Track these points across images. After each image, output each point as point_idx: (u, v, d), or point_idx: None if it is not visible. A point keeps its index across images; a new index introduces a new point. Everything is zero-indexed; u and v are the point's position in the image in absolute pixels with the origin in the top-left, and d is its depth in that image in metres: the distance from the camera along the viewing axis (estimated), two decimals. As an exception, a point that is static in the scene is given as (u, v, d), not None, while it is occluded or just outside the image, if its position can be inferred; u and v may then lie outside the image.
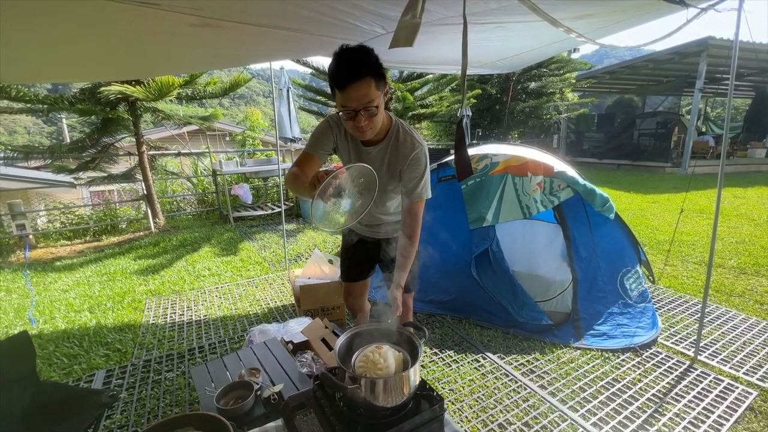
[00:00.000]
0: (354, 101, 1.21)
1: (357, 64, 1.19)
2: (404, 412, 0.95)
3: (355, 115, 1.23)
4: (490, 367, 2.22)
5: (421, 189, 1.43)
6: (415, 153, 1.41)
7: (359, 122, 1.25)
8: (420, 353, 0.98)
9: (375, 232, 1.73)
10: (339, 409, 0.97)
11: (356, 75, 1.18)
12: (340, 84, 1.19)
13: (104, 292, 3.34)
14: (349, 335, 1.05)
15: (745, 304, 3.01)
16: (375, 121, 1.29)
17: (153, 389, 2.05)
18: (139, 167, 5.23)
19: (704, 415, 1.83)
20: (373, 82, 1.21)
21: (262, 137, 11.82)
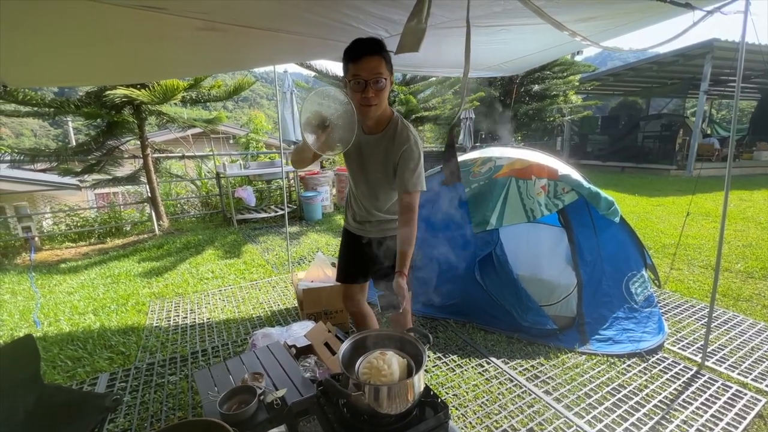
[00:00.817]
0: (366, 71, 1.31)
1: (371, 43, 1.34)
2: (408, 420, 0.94)
3: (365, 87, 1.33)
4: (494, 372, 2.20)
5: (416, 179, 1.46)
6: (409, 144, 1.46)
7: (368, 93, 1.34)
8: (424, 360, 0.97)
9: (367, 230, 1.74)
10: (343, 416, 0.96)
11: (370, 50, 1.32)
12: (354, 55, 1.32)
13: (108, 295, 3.35)
14: (353, 341, 1.05)
15: (752, 309, 2.97)
16: (381, 96, 1.38)
17: (156, 393, 2.04)
18: (143, 170, 5.26)
19: (712, 423, 1.81)
20: (384, 62, 1.34)
21: (265, 140, 11.87)
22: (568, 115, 10.92)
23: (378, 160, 1.54)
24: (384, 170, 1.55)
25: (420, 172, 1.47)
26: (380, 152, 1.52)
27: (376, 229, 1.73)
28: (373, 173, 1.59)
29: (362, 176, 1.64)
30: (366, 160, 1.59)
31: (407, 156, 1.46)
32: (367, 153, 1.57)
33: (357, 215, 1.77)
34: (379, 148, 1.53)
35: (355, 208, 1.79)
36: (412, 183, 1.46)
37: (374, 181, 1.62)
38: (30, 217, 4.78)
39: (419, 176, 1.47)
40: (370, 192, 1.66)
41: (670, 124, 11.96)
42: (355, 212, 1.78)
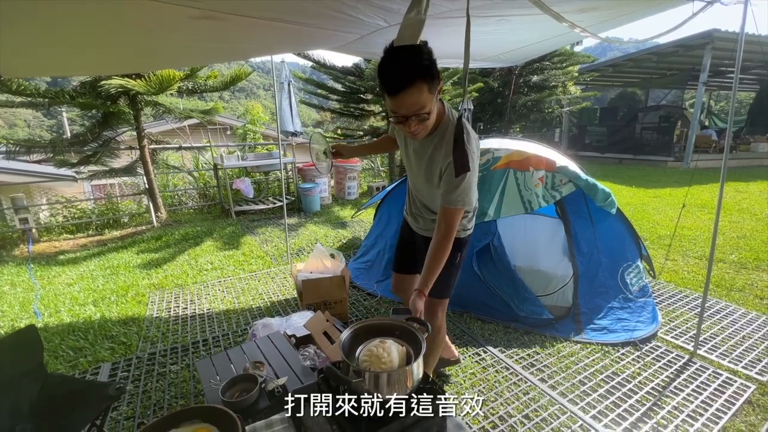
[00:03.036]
0: (404, 108, 1.18)
1: (408, 69, 1.13)
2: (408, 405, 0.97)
3: (406, 120, 1.21)
4: (491, 360, 2.24)
5: (456, 196, 1.31)
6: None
7: (410, 127, 1.24)
8: (423, 348, 0.99)
9: (418, 226, 1.68)
10: (343, 402, 0.98)
11: (407, 81, 1.13)
12: (389, 90, 1.15)
13: (108, 286, 3.36)
14: (353, 329, 1.07)
15: (745, 299, 3.02)
16: (427, 124, 1.26)
17: (158, 382, 2.07)
18: (140, 161, 5.23)
19: (702, 408, 1.85)
20: (426, 86, 1.16)
21: (263, 131, 11.79)
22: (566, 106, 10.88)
23: (423, 165, 1.43)
24: (428, 177, 1.43)
25: (465, 187, 1.30)
26: (425, 158, 1.41)
27: (426, 227, 1.64)
28: (419, 177, 1.50)
29: (411, 177, 1.60)
30: (413, 164, 1.51)
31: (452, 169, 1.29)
32: (415, 157, 1.48)
33: (411, 207, 1.70)
34: (425, 154, 1.41)
35: (410, 199, 1.72)
36: (452, 199, 1.31)
37: (421, 185, 1.54)
38: (27, 208, 4.75)
39: (463, 192, 1.31)
40: (419, 193, 1.61)
41: (668, 116, 11.95)
42: (410, 204, 1.71)
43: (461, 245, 1.61)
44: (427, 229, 1.63)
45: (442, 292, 1.61)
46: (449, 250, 1.33)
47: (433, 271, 1.30)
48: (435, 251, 1.31)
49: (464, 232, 1.61)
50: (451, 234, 1.33)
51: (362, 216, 5.63)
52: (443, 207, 1.34)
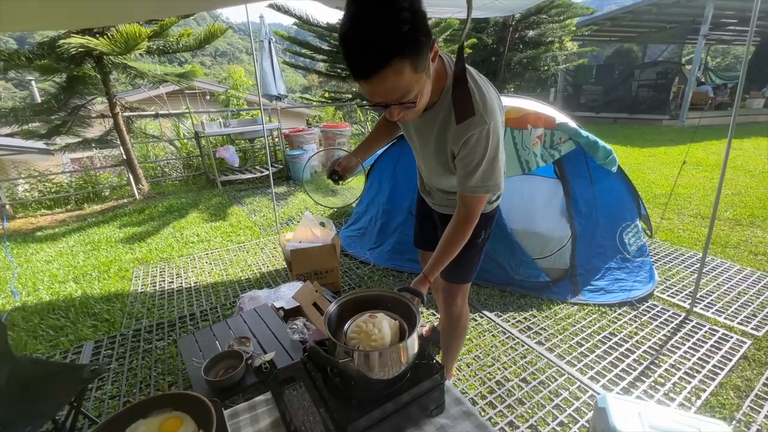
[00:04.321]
0: (380, 96, 0.85)
1: (379, 44, 0.76)
2: (402, 383, 0.88)
3: (386, 107, 0.89)
4: (487, 325, 2.20)
5: (476, 181, 1.04)
6: (477, 131, 0.98)
7: (392, 116, 0.93)
8: (418, 321, 0.89)
9: (432, 201, 1.44)
10: (331, 382, 0.89)
11: (379, 62, 0.77)
12: (355, 74, 0.82)
13: (89, 262, 3.22)
14: (340, 303, 0.96)
15: (739, 255, 3.01)
16: (416, 108, 0.94)
17: (144, 359, 2.00)
18: (114, 130, 4.91)
19: (699, 365, 1.84)
20: (407, 65, 0.79)
21: (246, 97, 11.22)
22: (563, 63, 10.46)
23: (430, 146, 1.14)
24: (440, 160, 1.15)
25: (486, 169, 1.02)
26: (432, 138, 1.11)
27: (442, 203, 1.40)
28: (429, 160, 1.21)
29: (419, 160, 1.32)
30: (417, 146, 1.23)
31: (471, 147, 1.00)
32: (418, 137, 1.18)
33: (424, 185, 1.44)
34: (430, 132, 1.11)
35: (420, 171, 1.44)
36: (471, 186, 1.05)
37: (433, 170, 1.25)
38: (-3, 184, 4.49)
39: (485, 175, 1.03)
40: (428, 173, 1.31)
41: (665, 72, 11.62)
42: (421, 182, 1.46)
43: (486, 222, 1.34)
44: (443, 205, 1.40)
45: (462, 275, 1.41)
46: (467, 239, 1.12)
47: (442, 260, 1.11)
48: (449, 239, 1.11)
49: (489, 206, 1.32)
50: (471, 223, 1.10)
51: (353, 183, 5.45)
52: (461, 194, 1.09)
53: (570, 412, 1.61)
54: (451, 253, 1.12)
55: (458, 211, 1.11)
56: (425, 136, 1.14)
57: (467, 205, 1.09)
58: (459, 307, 1.48)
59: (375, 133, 1.39)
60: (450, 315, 1.51)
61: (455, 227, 1.11)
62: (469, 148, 1.01)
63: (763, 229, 3.52)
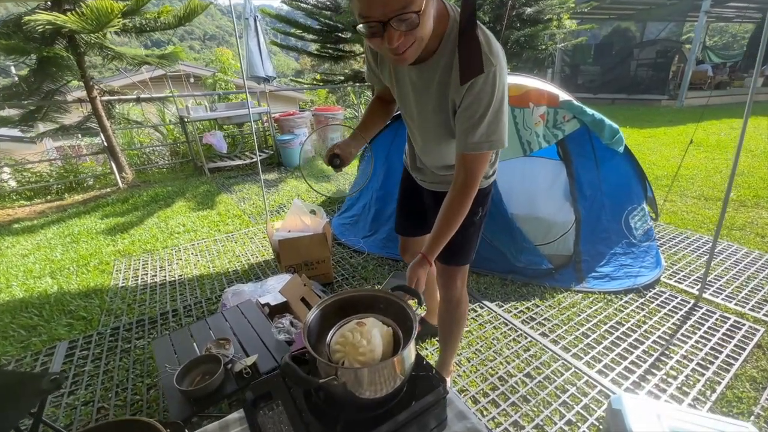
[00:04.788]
0: (378, 6, 0.74)
1: None
2: (397, 401, 0.75)
3: (383, 30, 0.77)
4: (488, 316, 2.09)
5: (481, 136, 0.94)
6: (482, 76, 0.89)
7: (391, 42, 0.79)
8: (414, 327, 0.75)
9: (424, 180, 1.32)
10: (314, 400, 0.76)
11: None
12: None
13: (67, 256, 3.05)
14: (323, 306, 0.82)
15: (746, 238, 2.91)
16: (418, 35, 0.81)
17: (122, 359, 1.86)
18: (93, 116, 4.65)
19: (712, 356, 1.75)
20: None
21: (235, 80, 10.83)
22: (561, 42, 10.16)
23: (429, 105, 1.03)
24: (437, 117, 1.04)
25: (491, 122, 0.93)
26: (431, 92, 1.00)
27: (435, 180, 1.29)
28: (425, 121, 1.10)
29: (414, 131, 1.19)
30: (414, 110, 1.10)
31: (476, 93, 0.90)
32: (415, 97, 1.06)
33: (415, 161, 1.32)
34: (429, 86, 1.00)
35: (409, 147, 1.34)
36: (474, 142, 0.94)
37: (425, 131, 1.13)
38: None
39: (491, 127, 0.94)
40: (423, 143, 1.19)
41: (665, 50, 11.37)
42: (412, 157, 1.34)
43: (483, 198, 1.25)
44: (435, 182, 1.29)
45: (461, 256, 1.31)
46: (468, 209, 1.01)
47: (443, 235, 1.01)
48: (449, 212, 1.01)
49: (486, 181, 1.23)
50: (472, 190, 1.00)
51: (346, 168, 5.27)
52: (462, 154, 0.99)
53: (578, 409, 1.51)
54: (452, 227, 1.01)
55: (457, 177, 1.01)
56: (423, 91, 1.03)
57: (468, 166, 0.99)
58: (458, 291, 1.37)
59: (369, 114, 1.27)
60: (449, 300, 1.40)
61: (455, 196, 1.01)
62: (474, 94, 0.91)
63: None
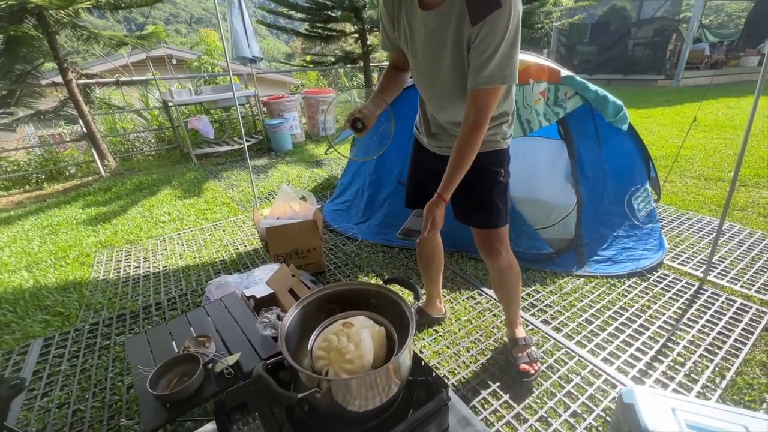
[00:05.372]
0: None
1: None
2: (392, 411, 0.64)
3: None
4: (487, 303, 2.00)
5: (493, 69, 0.95)
6: (496, 12, 0.89)
7: None
8: (411, 326, 0.65)
9: (439, 144, 1.32)
10: (297, 413, 0.65)
11: None
12: None
13: (45, 248, 2.91)
14: (305, 305, 0.70)
15: (748, 218, 2.84)
16: None
17: (101, 357, 1.75)
18: (70, 101, 4.41)
19: (720, 341, 1.68)
20: None
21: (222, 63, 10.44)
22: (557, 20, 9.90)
23: (444, 45, 1.03)
24: (453, 60, 1.04)
25: (503, 55, 0.94)
26: (448, 32, 1.00)
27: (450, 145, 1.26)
28: (437, 70, 1.10)
29: (422, 76, 1.17)
30: (426, 55, 1.09)
31: (491, 26, 0.91)
32: (427, 48, 1.07)
33: (430, 126, 1.32)
34: (447, 26, 0.99)
35: (422, 114, 1.34)
36: (487, 75, 0.96)
37: (441, 85, 1.13)
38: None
39: (501, 62, 0.94)
40: (439, 99, 1.19)
41: (662, 29, 11.15)
42: (426, 122, 1.33)
43: (503, 157, 1.30)
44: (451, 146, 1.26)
45: (497, 218, 1.32)
46: (479, 145, 1.05)
47: (456, 173, 1.05)
48: (460, 149, 1.05)
49: (504, 142, 1.28)
50: (482, 127, 1.03)
51: (343, 149, 5.12)
52: (473, 90, 1.00)
53: (583, 400, 1.43)
54: (464, 164, 1.05)
55: (468, 115, 1.03)
56: (441, 35, 1.02)
57: (479, 102, 1.00)
58: (504, 257, 1.38)
59: (386, 81, 1.28)
60: (500, 270, 1.42)
61: (465, 133, 1.04)
62: (489, 26, 0.91)
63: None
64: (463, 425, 0.75)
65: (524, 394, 1.47)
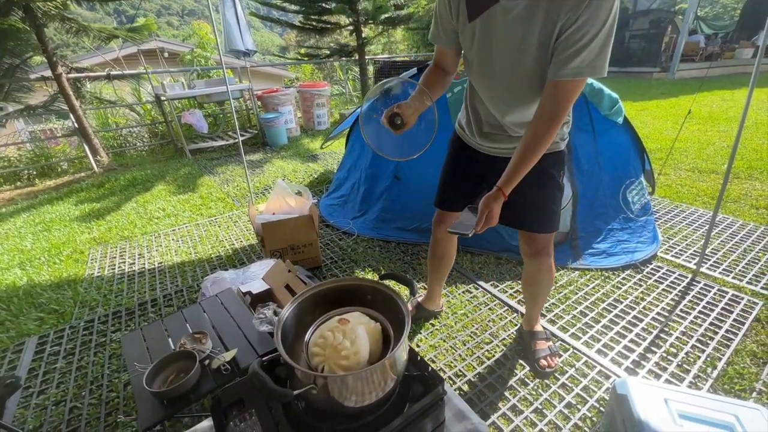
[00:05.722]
0: None
1: None
2: (388, 406, 0.65)
3: None
4: (483, 297, 2.01)
5: (583, 60, 0.85)
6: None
7: None
8: (407, 322, 0.65)
9: (492, 145, 1.24)
10: (294, 410, 0.65)
11: None
12: None
13: (38, 245, 2.88)
14: (300, 301, 0.70)
15: (740, 210, 2.86)
16: None
17: (96, 354, 1.75)
18: (61, 95, 4.34)
19: (712, 332, 1.70)
20: None
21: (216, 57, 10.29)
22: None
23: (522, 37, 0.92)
24: (537, 53, 0.93)
25: (603, 44, 0.85)
26: (531, 22, 0.90)
27: (506, 146, 1.22)
28: (512, 62, 0.99)
29: (490, 70, 1.05)
30: (498, 42, 0.98)
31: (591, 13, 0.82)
32: (503, 28, 0.95)
33: (482, 125, 1.23)
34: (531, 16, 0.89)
35: (473, 113, 1.24)
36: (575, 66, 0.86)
37: (517, 78, 1.02)
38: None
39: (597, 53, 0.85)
40: (507, 96, 1.08)
41: (658, 21, 11.14)
42: (477, 118, 1.23)
43: (563, 160, 1.25)
44: (504, 147, 1.23)
45: (552, 222, 1.29)
46: (551, 141, 0.96)
47: (524, 164, 0.96)
48: (532, 143, 0.95)
49: (563, 143, 1.23)
50: (558, 121, 0.93)
51: (334, 146, 5.09)
52: (555, 81, 0.90)
53: (578, 391, 1.45)
54: (532, 159, 0.97)
55: (543, 107, 0.94)
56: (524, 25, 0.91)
57: (560, 94, 0.91)
58: (550, 260, 1.37)
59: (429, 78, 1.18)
60: (542, 270, 1.39)
61: (539, 126, 0.94)
62: (589, 13, 0.82)
63: (762, 181, 3.38)
64: (459, 419, 0.76)
65: (520, 386, 1.48)
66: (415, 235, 2.59)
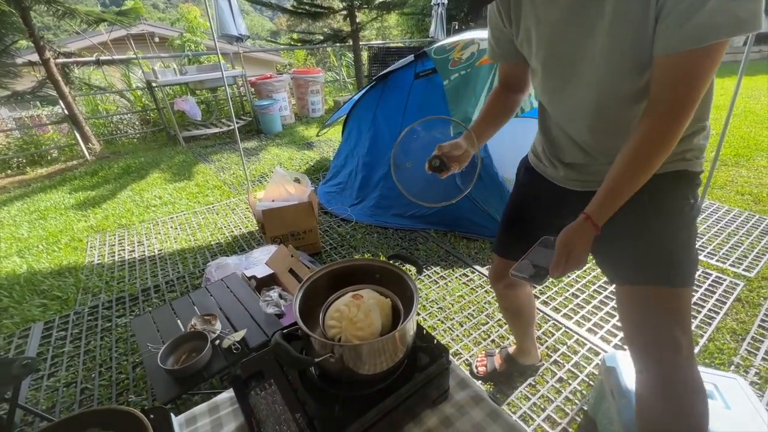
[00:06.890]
0: None
1: None
2: (399, 374, 0.70)
3: None
4: (479, 281, 2.08)
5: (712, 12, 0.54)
6: None
7: None
8: (416, 298, 0.70)
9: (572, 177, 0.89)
10: (310, 379, 0.71)
11: None
12: None
13: (35, 233, 2.87)
14: (314, 279, 0.75)
15: (726, 196, 2.96)
16: None
17: (103, 339, 1.79)
18: (49, 81, 4.25)
19: (695, 311, 1.80)
20: None
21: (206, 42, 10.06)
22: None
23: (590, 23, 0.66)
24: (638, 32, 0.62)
25: None
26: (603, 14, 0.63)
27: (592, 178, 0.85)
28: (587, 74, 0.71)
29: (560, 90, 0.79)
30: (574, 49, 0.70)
31: None
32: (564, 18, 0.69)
33: (557, 151, 0.91)
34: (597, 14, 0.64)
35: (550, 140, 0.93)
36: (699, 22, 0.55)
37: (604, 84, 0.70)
38: None
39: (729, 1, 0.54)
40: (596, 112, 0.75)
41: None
42: (551, 145, 0.92)
43: (696, 182, 0.80)
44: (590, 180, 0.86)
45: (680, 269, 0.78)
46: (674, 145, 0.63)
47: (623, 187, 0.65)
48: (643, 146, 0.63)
49: (698, 162, 0.79)
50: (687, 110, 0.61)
51: (330, 134, 5.08)
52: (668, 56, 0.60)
53: (569, 367, 1.54)
54: (639, 175, 0.64)
55: (657, 98, 0.62)
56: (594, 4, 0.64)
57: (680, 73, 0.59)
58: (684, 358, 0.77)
59: (488, 111, 1.00)
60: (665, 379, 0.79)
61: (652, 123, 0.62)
62: None
63: (748, 168, 3.48)
64: (462, 387, 0.82)
65: (514, 363, 1.56)
66: (412, 221, 2.64)
